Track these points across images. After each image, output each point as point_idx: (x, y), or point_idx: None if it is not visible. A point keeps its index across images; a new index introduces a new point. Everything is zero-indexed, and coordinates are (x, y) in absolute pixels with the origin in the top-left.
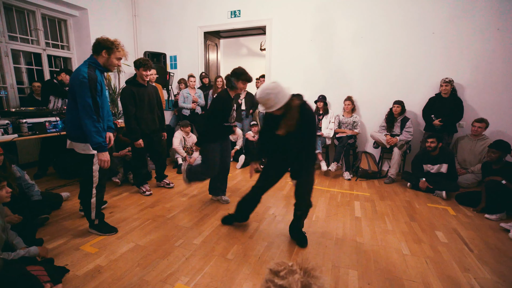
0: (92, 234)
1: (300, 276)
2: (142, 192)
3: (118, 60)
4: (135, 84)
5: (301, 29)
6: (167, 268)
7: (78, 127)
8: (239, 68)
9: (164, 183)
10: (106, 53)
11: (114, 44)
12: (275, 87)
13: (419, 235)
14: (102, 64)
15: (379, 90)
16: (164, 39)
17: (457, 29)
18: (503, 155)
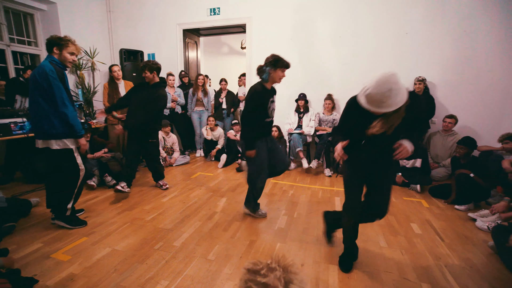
0: (64, 240)
1: (281, 273)
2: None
3: (71, 55)
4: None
5: (281, 27)
6: (145, 272)
7: (51, 123)
8: (273, 56)
9: (159, 185)
10: (57, 49)
11: (63, 40)
12: (398, 81)
13: (396, 227)
14: (59, 61)
15: (358, 88)
16: (141, 37)
17: (428, 31)
18: (470, 151)
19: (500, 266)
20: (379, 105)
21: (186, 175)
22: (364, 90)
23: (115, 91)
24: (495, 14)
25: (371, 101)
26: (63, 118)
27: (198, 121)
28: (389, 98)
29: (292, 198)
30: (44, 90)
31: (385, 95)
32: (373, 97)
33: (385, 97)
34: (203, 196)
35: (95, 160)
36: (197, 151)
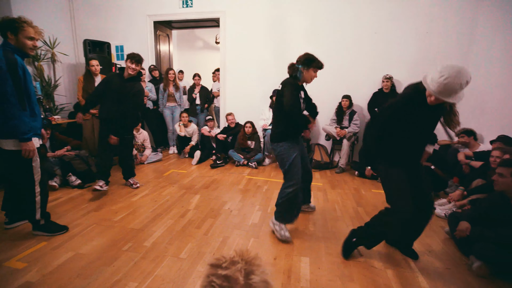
0: (20, 246)
1: (243, 265)
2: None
3: (30, 40)
4: (119, 75)
5: (256, 23)
6: (112, 275)
7: (3, 122)
8: (307, 54)
9: (129, 183)
10: (12, 34)
11: (17, 22)
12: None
13: (365, 218)
14: (16, 48)
15: (330, 85)
16: (108, 27)
17: (395, 31)
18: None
19: (454, 249)
20: (450, 95)
21: (158, 172)
22: (441, 77)
23: (91, 86)
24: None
25: (446, 89)
26: (6, 115)
27: (171, 117)
28: (461, 90)
29: (267, 193)
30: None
31: (462, 86)
32: (450, 86)
33: (460, 88)
34: (176, 193)
35: (56, 159)
36: (170, 148)
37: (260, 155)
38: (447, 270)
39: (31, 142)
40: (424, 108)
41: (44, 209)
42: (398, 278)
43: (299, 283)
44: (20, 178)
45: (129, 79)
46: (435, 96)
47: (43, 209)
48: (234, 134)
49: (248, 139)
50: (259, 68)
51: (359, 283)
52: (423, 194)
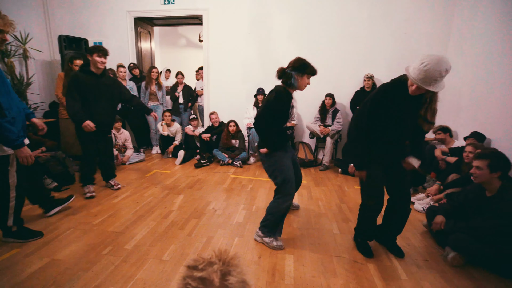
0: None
1: (219, 266)
2: (84, 193)
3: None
4: (87, 72)
5: (239, 21)
6: (91, 280)
7: None
8: (300, 60)
9: (109, 184)
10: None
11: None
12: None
13: (347, 215)
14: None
15: (313, 84)
16: (85, 23)
17: (375, 31)
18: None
19: (431, 241)
20: (431, 83)
21: (141, 173)
22: (422, 64)
23: None
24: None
25: (427, 75)
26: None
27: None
28: (442, 78)
29: (251, 192)
30: None
31: (441, 74)
32: (431, 73)
33: (440, 76)
34: (159, 194)
35: None
36: (153, 148)
37: (244, 154)
38: (424, 261)
39: (25, 147)
40: (404, 100)
41: (18, 215)
42: (379, 271)
43: (283, 281)
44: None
45: (102, 74)
46: (416, 85)
47: (17, 215)
48: (218, 133)
49: (232, 138)
50: (243, 66)
51: (342, 278)
52: (401, 191)
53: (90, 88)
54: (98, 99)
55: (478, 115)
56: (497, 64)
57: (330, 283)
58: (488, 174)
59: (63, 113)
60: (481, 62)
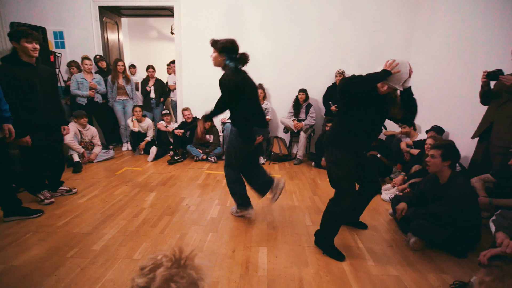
0: None
1: (164, 269)
2: (40, 200)
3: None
4: (17, 62)
5: (211, 13)
6: (54, 285)
7: None
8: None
9: (62, 191)
10: None
11: None
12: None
13: (320, 207)
14: None
15: (286, 79)
16: (43, 10)
17: (345, 28)
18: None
19: (396, 228)
20: (400, 82)
21: (110, 171)
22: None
23: None
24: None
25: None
26: None
27: (122, 111)
28: (407, 78)
29: (226, 187)
30: None
31: (410, 74)
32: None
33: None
34: (130, 192)
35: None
36: (124, 145)
37: (219, 149)
38: (389, 247)
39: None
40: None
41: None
42: (349, 258)
43: (256, 273)
44: None
45: (37, 63)
46: (388, 85)
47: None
48: (192, 129)
49: (206, 133)
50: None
51: (313, 267)
52: (372, 177)
53: (29, 82)
54: (39, 93)
55: (438, 110)
56: (454, 62)
57: (302, 272)
58: (440, 163)
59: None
60: (440, 60)
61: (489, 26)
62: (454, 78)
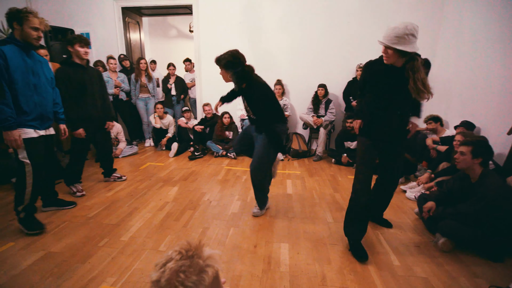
0: None
1: (173, 262)
2: (73, 192)
3: (35, 31)
4: (71, 64)
5: (229, 10)
6: (88, 272)
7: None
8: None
9: (114, 177)
10: (17, 25)
11: (22, 12)
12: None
13: (341, 204)
14: (20, 38)
15: (305, 74)
16: (71, 12)
17: (366, 20)
18: None
19: (423, 228)
20: (399, 41)
21: (134, 166)
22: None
23: None
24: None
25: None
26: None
27: (144, 108)
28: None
29: (246, 183)
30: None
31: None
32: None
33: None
34: (153, 187)
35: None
36: (146, 141)
37: None
38: (416, 248)
39: (14, 131)
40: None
41: (32, 202)
42: (373, 257)
43: (278, 268)
44: (17, 168)
45: (87, 65)
46: (384, 45)
47: (32, 202)
48: (212, 125)
49: (226, 129)
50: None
51: (336, 265)
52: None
53: (81, 82)
54: (89, 92)
55: (468, 105)
56: (484, 53)
57: (325, 269)
58: (470, 160)
59: None
60: (469, 52)
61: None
62: (484, 70)
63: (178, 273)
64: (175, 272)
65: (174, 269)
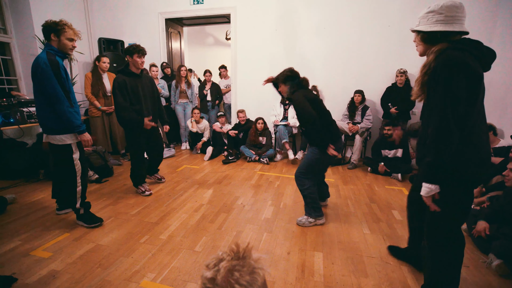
0: (45, 237)
1: (226, 262)
2: (141, 192)
3: (70, 41)
4: (128, 73)
5: (266, 18)
6: (131, 266)
7: (51, 118)
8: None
9: (155, 177)
10: (55, 36)
11: (59, 25)
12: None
13: (378, 214)
14: (58, 49)
15: (341, 80)
16: (121, 25)
17: (409, 23)
18: None
19: (472, 246)
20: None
21: (172, 168)
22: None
23: (99, 82)
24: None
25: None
26: (58, 113)
27: (183, 113)
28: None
29: (278, 189)
30: (39, 83)
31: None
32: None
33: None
34: (189, 188)
35: None
36: (183, 144)
37: (271, 150)
38: (465, 268)
39: (87, 133)
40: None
41: (83, 199)
42: (414, 274)
43: (312, 277)
44: (63, 170)
45: (141, 73)
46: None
47: (83, 199)
48: (245, 130)
49: (259, 135)
50: (270, 63)
51: (374, 279)
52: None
53: (135, 89)
54: (144, 98)
55: None
56: None
57: (361, 282)
58: None
59: (93, 111)
60: None
61: None
62: None
63: (233, 272)
64: (229, 271)
65: (228, 268)
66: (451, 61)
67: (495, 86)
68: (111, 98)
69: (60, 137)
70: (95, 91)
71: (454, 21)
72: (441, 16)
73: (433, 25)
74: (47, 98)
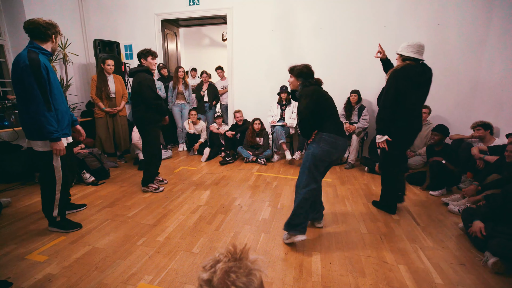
0: (40, 240)
1: (223, 263)
2: (154, 189)
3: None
4: (151, 73)
5: (262, 19)
6: (128, 268)
7: (30, 123)
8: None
9: (157, 181)
10: (55, 38)
11: (57, 27)
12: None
13: (375, 214)
14: (51, 50)
15: (338, 80)
16: (117, 27)
17: (404, 23)
18: (444, 137)
19: (468, 245)
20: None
21: (169, 169)
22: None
23: (104, 84)
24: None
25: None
26: (31, 115)
27: (180, 114)
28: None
29: (276, 189)
30: (18, 83)
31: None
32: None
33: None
34: (187, 190)
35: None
36: (180, 145)
37: (268, 151)
38: (461, 266)
39: (61, 142)
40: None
41: (62, 206)
42: (411, 273)
43: (310, 278)
44: (44, 176)
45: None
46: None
47: (61, 207)
48: (243, 131)
49: (256, 135)
50: (267, 64)
51: (371, 278)
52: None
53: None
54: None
55: None
56: None
57: (359, 282)
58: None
59: (97, 113)
60: None
61: None
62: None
63: (229, 273)
64: (225, 272)
65: (224, 270)
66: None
67: (491, 86)
68: (115, 100)
69: (37, 143)
70: (99, 93)
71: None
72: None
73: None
74: (23, 99)
